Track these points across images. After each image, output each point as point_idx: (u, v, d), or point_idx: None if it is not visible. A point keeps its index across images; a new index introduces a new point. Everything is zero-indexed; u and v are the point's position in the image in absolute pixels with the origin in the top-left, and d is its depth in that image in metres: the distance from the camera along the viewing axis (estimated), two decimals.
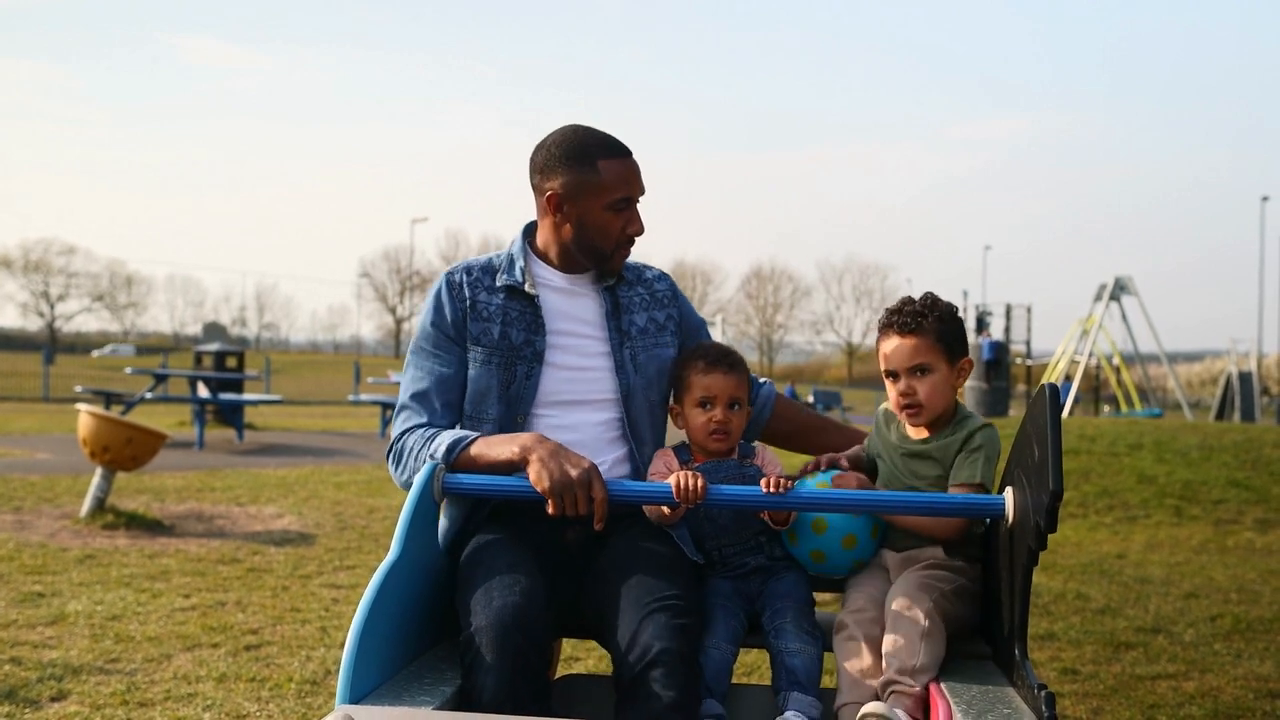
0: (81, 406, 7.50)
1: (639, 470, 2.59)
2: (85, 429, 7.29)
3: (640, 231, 2.61)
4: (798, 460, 2.71)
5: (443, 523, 2.54)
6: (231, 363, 18.88)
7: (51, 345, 58.27)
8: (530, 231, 2.71)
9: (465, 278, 2.63)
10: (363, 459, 13.37)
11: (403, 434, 2.55)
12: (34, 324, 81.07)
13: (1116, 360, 34.58)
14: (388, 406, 18.35)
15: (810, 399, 41.88)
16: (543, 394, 2.57)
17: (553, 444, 2.36)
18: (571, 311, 2.64)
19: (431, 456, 2.43)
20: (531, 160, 2.62)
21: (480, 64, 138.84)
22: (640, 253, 2.77)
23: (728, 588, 2.47)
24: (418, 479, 2.29)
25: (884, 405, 2.58)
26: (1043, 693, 1.91)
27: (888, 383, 2.49)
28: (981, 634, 2.44)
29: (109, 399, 15.00)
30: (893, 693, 2.18)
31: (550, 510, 2.29)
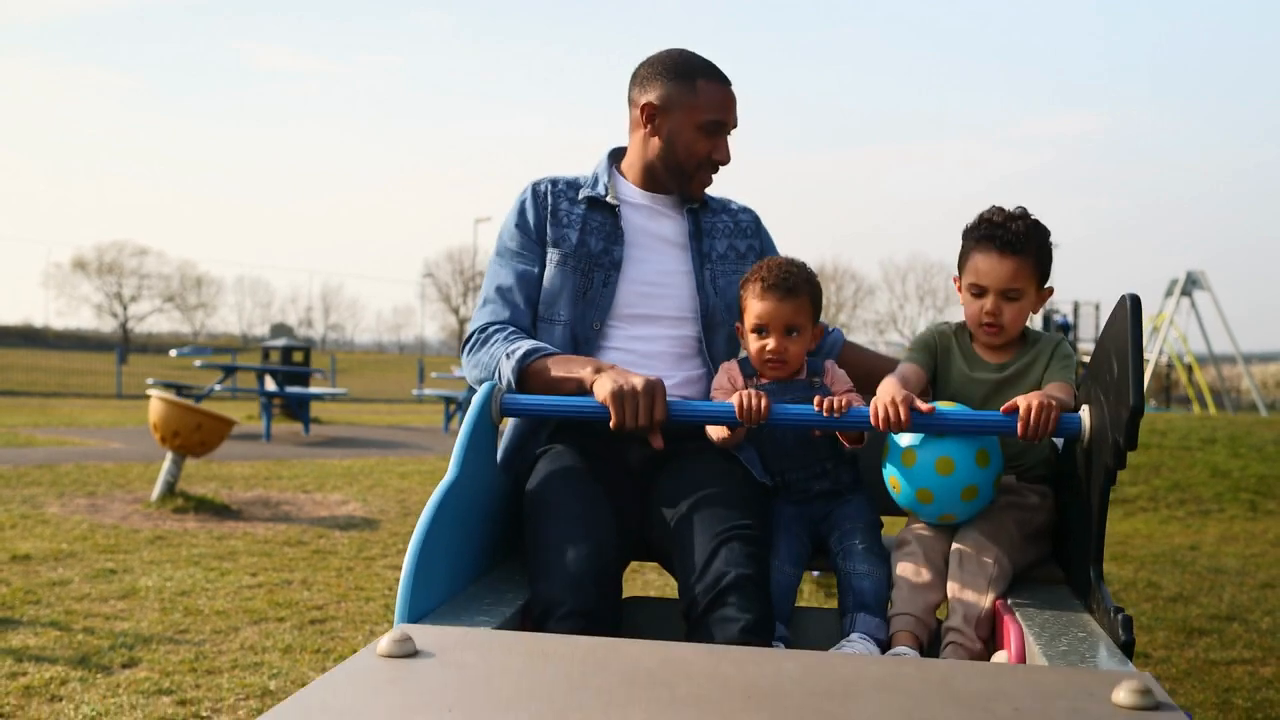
0: (153, 392, 7.65)
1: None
2: (156, 414, 7.43)
3: (726, 160, 2.60)
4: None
5: (502, 442, 2.50)
6: (298, 357, 19.14)
7: (124, 345, 59.49)
8: (616, 156, 2.73)
9: (550, 187, 2.64)
10: (428, 451, 13.48)
11: (484, 327, 2.52)
12: (107, 325, 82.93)
13: (1189, 359, 33.77)
14: (452, 401, 18.46)
15: None
16: (618, 305, 2.55)
17: (624, 369, 2.32)
18: (652, 228, 2.63)
19: (508, 356, 2.38)
20: (634, 74, 2.63)
21: (540, 62, 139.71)
22: None
23: (792, 511, 2.41)
24: (475, 399, 2.24)
25: (937, 327, 2.46)
26: (1119, 615, 1.85)
27: (967, 296, 2.36)
28: (1055, 557, 2.37)
29: (179, 391, 15.25)
30: (950, 643, 2.14)
31: (611, 421, 2.20)
